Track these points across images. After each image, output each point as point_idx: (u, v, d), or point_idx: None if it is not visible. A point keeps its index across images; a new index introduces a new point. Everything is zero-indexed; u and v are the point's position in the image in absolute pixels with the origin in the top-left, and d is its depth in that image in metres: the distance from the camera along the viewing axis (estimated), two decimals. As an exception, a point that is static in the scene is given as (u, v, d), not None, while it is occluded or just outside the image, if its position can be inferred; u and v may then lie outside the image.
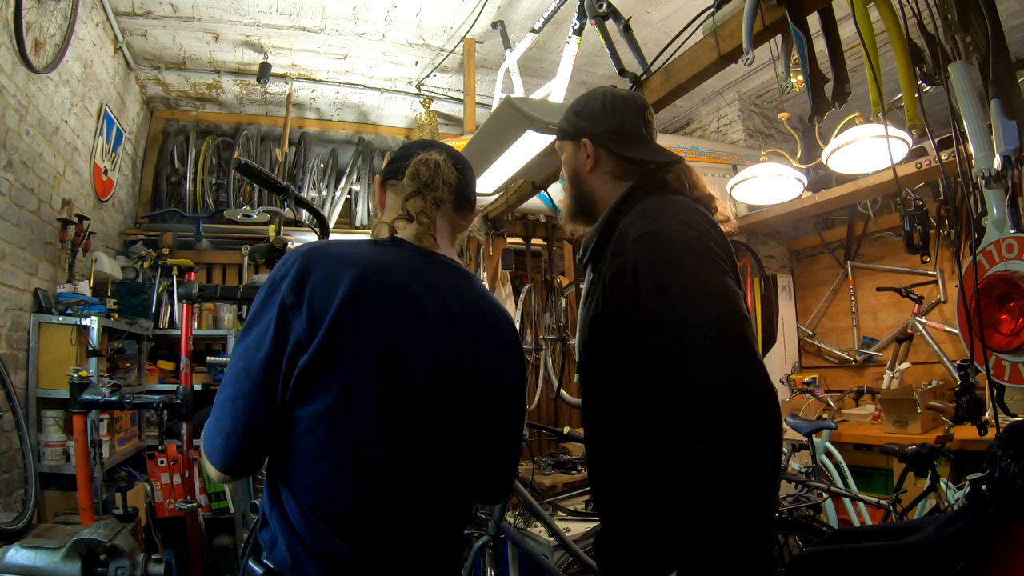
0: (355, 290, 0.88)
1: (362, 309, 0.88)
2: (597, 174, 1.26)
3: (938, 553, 1.09)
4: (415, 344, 0.93)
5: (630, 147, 1.24)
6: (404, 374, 0.91)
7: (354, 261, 0.91)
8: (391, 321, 0.91)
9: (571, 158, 1.30)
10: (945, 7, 1.46)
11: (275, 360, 0.86)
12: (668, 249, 1.03)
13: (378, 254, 0.97)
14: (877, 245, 4.23)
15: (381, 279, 0.92)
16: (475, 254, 3.61)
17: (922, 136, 2.56)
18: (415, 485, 0.92)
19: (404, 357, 0.91)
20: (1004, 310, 1.39)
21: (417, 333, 0.93)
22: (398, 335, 0.91)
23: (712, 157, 4.17)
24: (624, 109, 1.26)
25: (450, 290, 1.01)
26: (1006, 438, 1.11)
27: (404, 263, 0.98)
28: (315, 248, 0.92)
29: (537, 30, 3.29)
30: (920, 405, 3.08)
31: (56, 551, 1.64)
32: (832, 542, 1.41)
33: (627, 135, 1.24)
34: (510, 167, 2.57)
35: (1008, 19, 3.13)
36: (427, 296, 0.96)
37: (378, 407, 0.88)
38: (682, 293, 0.99)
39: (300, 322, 0.86)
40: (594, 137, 1.25)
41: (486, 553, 2.25)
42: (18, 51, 2.37)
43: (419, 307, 0.95)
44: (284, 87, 4.19)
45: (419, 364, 0.93)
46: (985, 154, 1.37)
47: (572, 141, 1.29)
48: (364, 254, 0.94)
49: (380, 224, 1.04)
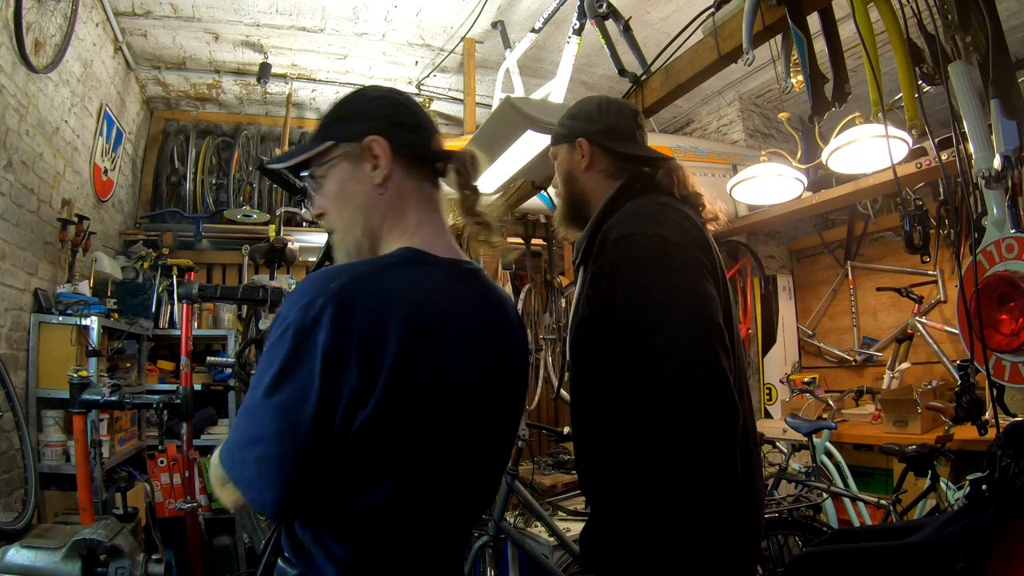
0: (411, 335, 0.77)
1: (423, 354, 0.78)
2: (592, 172, 1.29)
3: (938, 553, 1.09)
4: (471, 374, 0.85)
5: (624, 145, 1.27)
6: (469, 413, 0.84)
7: (398, 297, 0.78)
8: (457, 361, 0.82)
9: (566, 160, 1.33)
10: (945, 7, 1.46)
11: (328, 417, 0.74)
12: (646, 252, 1.06)
13: (420, 282, 0.82)
14: (877, 245, 4.23)
15: (433, 314, 0.81)
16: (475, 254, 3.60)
17: (922, 136, 2.56)
18: (461, 507, 0.90)
19: (467, 394, 0.84)
20: (1004, 310, 1.39)
21: (471, 363, 0.85)
22: (462, 375, 0.83)
23: (712, 157, 4.17)
24: (618, 112, 1.31)
25: (479, 303, 0.90)
26: (1006, 438, 1.11)
27: (445, 286, 0.86)
28: (349, 285, 0.77)
29: (537, 30, 3.29)
30: (920, 405, 3.08)
31: (56, 551, 1.64)
32: (832, 542, 1.42)
33: (621, 134, 1.28)
34: (510, 167, 2.57)
35: (1008, 19, 3.13)
36: (470, 319, 0.87)
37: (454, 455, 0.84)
38: (656, 296, 1.03)
39: (352, 376, 0.73)
40: (589, 136, 1.28)
41: (486, 553, 2.25)
42: (18, 51, 2.37)
43: (470, 335, 0.85)
44: (284, 87, 4.19)
45: (475, 395, 0.85)
46: (985, 154, 1.38)
47: (567, 143, 1.32)
48: (408, 286, 0.80)
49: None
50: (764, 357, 4.41)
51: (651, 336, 1.01)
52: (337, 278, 0.76)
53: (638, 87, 2.13)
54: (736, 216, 4.13)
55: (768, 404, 4.34)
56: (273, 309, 2.32)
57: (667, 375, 0.98)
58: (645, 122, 1.36)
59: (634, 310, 1.04)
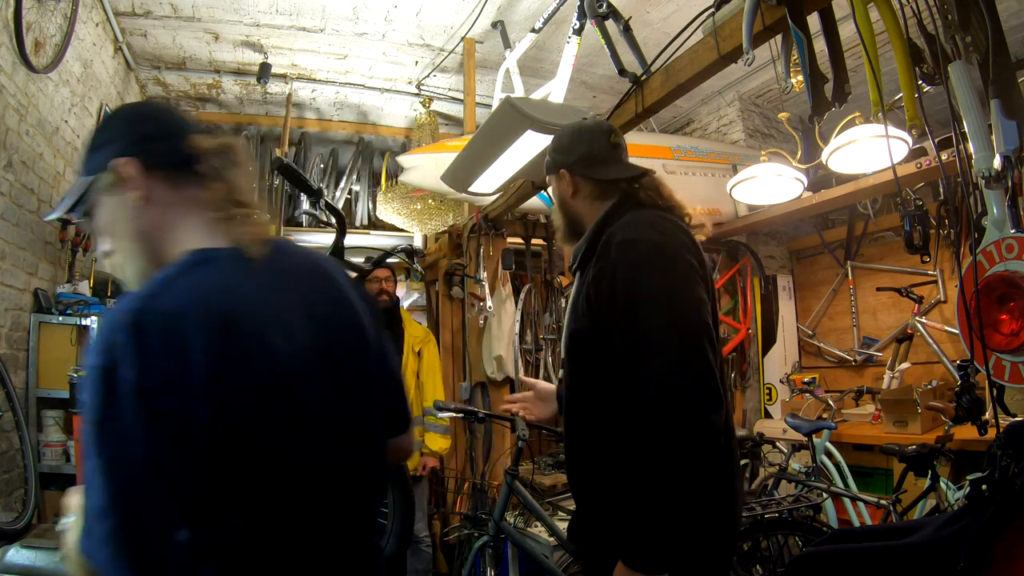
0: (214, 339, 0.71)
1: (235, 352, 0.73)
2: (579, 198, 1.39)
3: (938, 553, 1.09)
4: (298, 355, 0.79)
5: (601, 170, 1.37)
6: (307, 396, 0.80)
7: (191, 305, 0.73)
8: (275, 347, 0.76)
9: (556, 188, 1.44)
10: (945, 7, 1.47)
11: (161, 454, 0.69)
12: (645, 254, 1.15)
13: (210, 281, 0.77)
14: (877, 245, 4.23)
15: (233, 309, 0.75)
16: (475, 254, 3.61)
17: (922, 136, 2.56)
18: (333, 504, 0.83)
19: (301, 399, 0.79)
20: (1004, 310, 1.39)
21: (295, 343, 0.79)
22: (288, 359, 0.78)
23: (712, 157, 4.17)
24: (591, 137, 1.39)
25: (289, 279, 0.86)
26: (1006, 438, 1.11)
27: (239, 275, 0.80)
28: (138, 311, 0.70)
29: (537, 30, 3.29)
30: (920, 405, 3.08)
31: (56, 551, 1.64)
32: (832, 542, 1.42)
33: (597, 159, 1.37)
34: (510, 167, 2.57)
35: (1008, 19, 3.13)
36: (282, 300, 0.82)
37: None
38: (652, 296, 1.11)
39: (170, 402, 0.68)
40: (569, 167, 1.38)
41: (486, 553, 2.25)
42: (18, 51, 2.37)
43: (285, 316, 0.80)
44: (284, 87, 4.19)
45: (309, 375, 0.80)
46: (985, 154, 1.38)
47: (554, 174, 1.43)
48: (198, 291, 0.75)
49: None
50: (764, 357, 4.41)
51: (647, 333, 1.09)
52: (126, 309, 0.71)
53: (638, 87, 2.13)
54: (736, 216, 4.13)
55: (768, 404, 4.34)
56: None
57: (660, 372, 1.06)
58: (622, 138, 1.43)
59: (632, 308, 1.12)
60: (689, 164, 4.06)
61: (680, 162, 4.04)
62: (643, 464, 1.06)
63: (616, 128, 1.45)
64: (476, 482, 3.20)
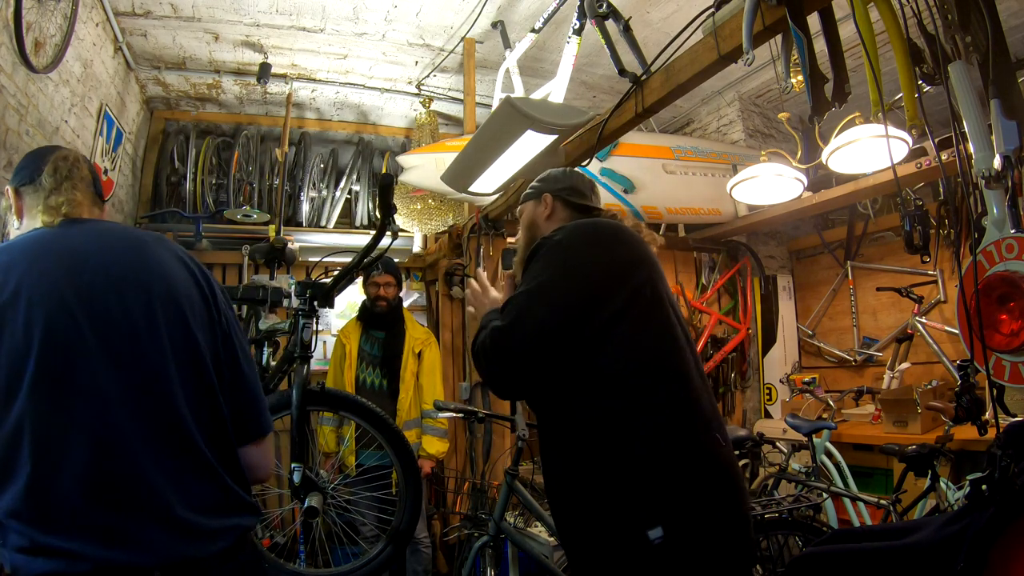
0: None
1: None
2: (551, 221, 1.52)
3: (937, 553, 1.09)
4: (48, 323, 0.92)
5: (579, 198, 1.54)
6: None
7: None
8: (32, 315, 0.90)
9: (531, 211, 1.58)
10: (945, 7, 1.46)
11: None
12: (550, 247, 1.29)
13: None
14: (877, 245, 4.23)
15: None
16: (475, 254, 3.61)
17: (922, 136, 2.56)
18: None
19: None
20: (1004, 310, 1.39)
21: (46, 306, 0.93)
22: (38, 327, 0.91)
23: (712, 157, 4.17)
24: (578, 177, 1.58)
25: (64, 249, 1.00)
26: (1006, 438, 1.11)
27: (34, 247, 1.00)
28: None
29: (537, 30, 3.29)
30: (920, 405, 3.08)
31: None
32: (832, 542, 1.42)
33: (578, 192, 1.55)
34: (510, 167, 2.57)
35: (1008, 19, 3.13)
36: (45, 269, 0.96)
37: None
38: (536, 277, 1.26)
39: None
40: (554, 192, 1.54)
41: (486, 553, 2.25)
42: (18, 51, 2.37)
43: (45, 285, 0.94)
44: (284, 87, 4.19)
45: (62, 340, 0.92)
46: (985, 154, 1.38)
47: (535, 199, 1.58)
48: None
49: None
50: (764, 357, 4.41)
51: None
52: None
53: (638, 87, 2.13)
54: (736, 216, 4.13)
55: (768, 404, 4.34)
56: (273, 309, 2.32)
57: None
58: (599, 193, 1.61)
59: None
60: (689, 164, 4.06)
61: (680, 162, 4.04)
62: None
63: (596, 185, 1.63)
64: (476, 482, 3.20)
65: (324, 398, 1.76)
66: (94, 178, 1.17)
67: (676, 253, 4.35)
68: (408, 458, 1.82)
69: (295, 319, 1.74)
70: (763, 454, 3.42)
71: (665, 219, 4.06)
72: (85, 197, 1.12)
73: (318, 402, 1.75)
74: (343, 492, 1.95)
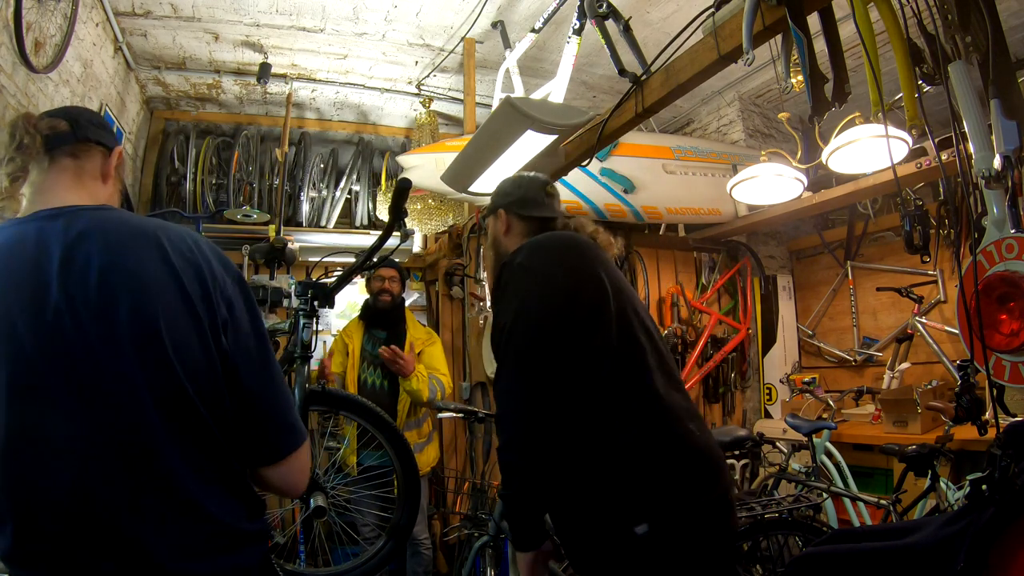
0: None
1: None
2: (510, 236, 1.55)
3: (937, 553, 1.09)
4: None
5: (531, 209, 1.55)
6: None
7: None
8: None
9: (492, 228, 1.61)
10: (945, 7, 1.46)
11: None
12: (516, 274, 1.34)
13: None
14: (877, 245, 4.23)
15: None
16: (475, 254, 3.61)
17: (922, 136, 2.56)
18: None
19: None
20: (1004, 310, 1.39)
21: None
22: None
23: (712, 157, 4.17)
24: (528, 184, 1.59)
25: (37, 250, 0.86)
26: (1006, 438, 1.11)
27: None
28: None
29: (537, 30, 3.29)
30: (920, 405, 3.08)
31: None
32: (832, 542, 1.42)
33: (529, 202, 1.55)
34: (510, 167, 2.57)
35: (1008, 19, 3.12)
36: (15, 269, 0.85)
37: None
38: (508, 312, 1.31)
39: None
40: (505, 206, 1.57)
41: (486, 553, 2.25)
42: (18, 51, 2.37)
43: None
44: (284, 87, 4.19)
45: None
46: (985, 154, 1.38)
47: (492, 215, 1.60)
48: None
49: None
50: (764, 357, 4.41)
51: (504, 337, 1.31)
52: None
53: (638, 87, 2.13)
54: (736, 216, 4.13)
55: (768, 404, 4.34)
56: (273, 309, 2.32)
57: (496, 390, 1.36)
58: (556, 190, 1.61)
59: (495, 324, 1.37)
60: (689, 164, 4.06)
61: (680, 162, 4.04)
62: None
63: (551, 181, 1.63)
64: (476, 482, 3.20)
65: (325, 398, 1.76)
66: (75, 139, 0.96)
67: (676, 253, 4.35)
68: (407, 457, 1.83)
69: (295, 319, 1.74)
70: (763, 454, 3.42)
71: (665, 219, 4.06)
72: (60, 175, 0.94)
73: (319, 402, 1.75)
74: (343, 491, 1.95)
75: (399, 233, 1.60)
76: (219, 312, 0.90)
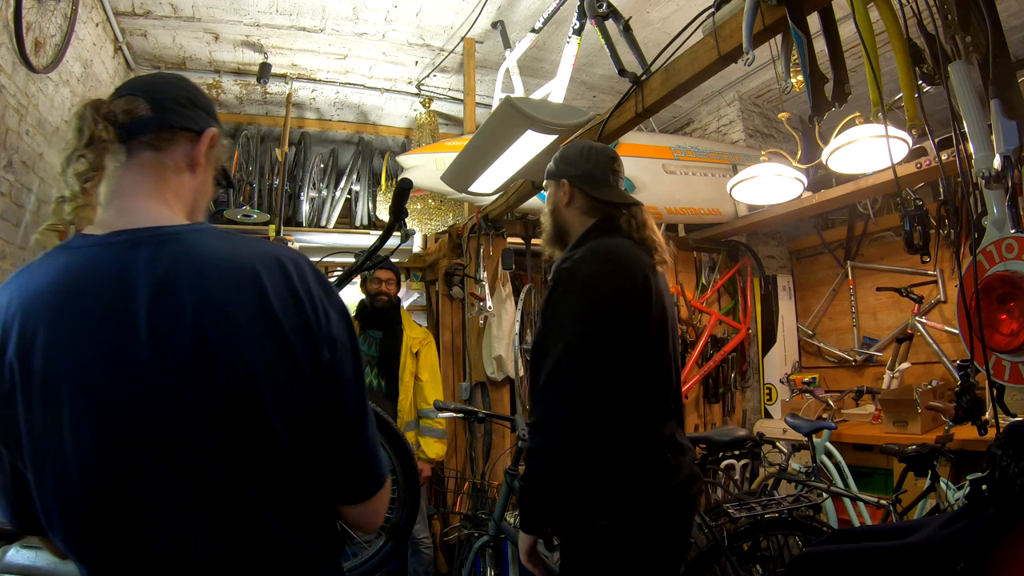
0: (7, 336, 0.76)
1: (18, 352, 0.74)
2: (571, 209, 1.54)
3: (938, 553, 1.09)
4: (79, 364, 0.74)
5: (598, 189, 1.52)
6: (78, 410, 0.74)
7: (15, 293, 0.80)
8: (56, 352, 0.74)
9: (553, 194, 1.58)
10: (945, 7, 1.46)
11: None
12: (574, 282, 1.37)
13: (39, 274, 0.80)
14: (877, 245, 4.23)
15: (27, 312, 0.77)
16: (475, 254, 3.61)
17: (922, 136, 2.56)
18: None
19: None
20: (1004, 310, 1.39)
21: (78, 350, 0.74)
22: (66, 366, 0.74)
23: (712, 157, 4.17)
24: (596, 158, 1.54)
25: (112, 284, 0.75)
26: (1006, 438, 1.11)
27: (61, 274, 0.78)
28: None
29: (537, 30, 3.29)
30: (920, 405, 3.08)
31: (56, 551, 1.64)
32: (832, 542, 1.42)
33: (597, 179, 1.52)
34: (510, 167, 2.57)
35: (1008, 19, 3.13)
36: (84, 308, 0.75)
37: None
38: (561, 319, 1.34)
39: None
40: (571, 179, 1.53)
41: (486, 553, 2.25)
42: (18, 51, 2.37)
43: (74, 325, 0.75)
44: (284, 87, 4.19)
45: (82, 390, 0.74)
46: (985, 154, 1.38)
47: (555, 181, 1.57)
48: (28, 280, 0.80)
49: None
50: (764, 357, 4.41)
51: (554, 345, 1.34)
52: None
53: (638, 87, 2.13)
54: (736, 216, 4.13)
55: (768, 404, 4.34)
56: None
57: (544, 402, 1.35)
58: (622, 167, 1.58)
59: (546, 334, 1.39)
60: (689, 164, 4.07)
61: (680, 162, 4.04)
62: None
63: (619, 157, 1.58)
64: (476, 482, 3.20)
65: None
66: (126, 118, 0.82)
67: (676, 253, 4.32)
68: (407, 456, 1.83)
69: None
70: (763, 454, 3.42)
71: (665, 219, 4.06)
72: (140, 174, 0.82)
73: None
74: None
75: (399, 233, 1.59)
76: (322, 356, 0.81)
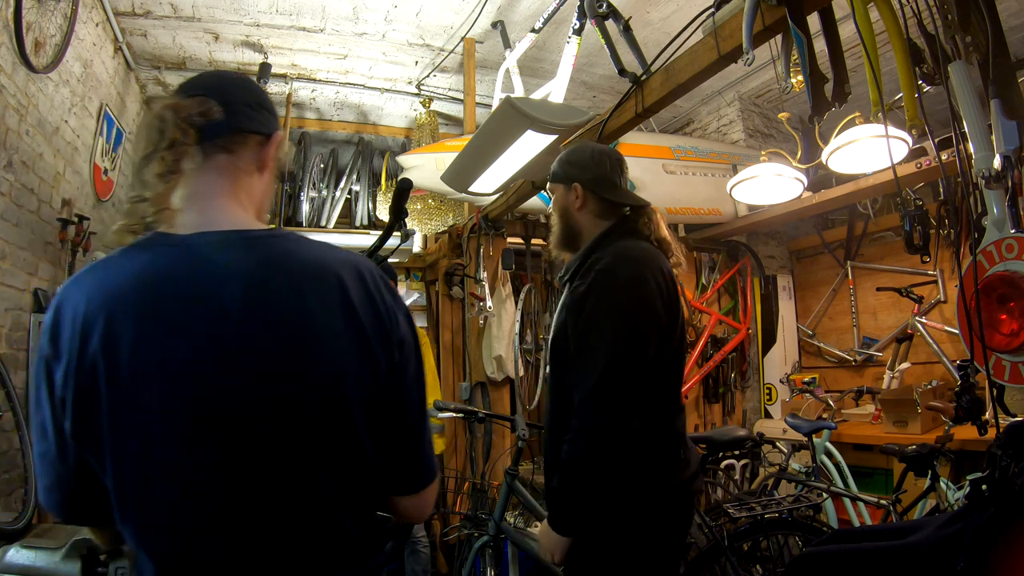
0: (96, 328, 0.74)
1: (112, 352, 0.73)
2: (584, 212, 1.55)
3: (938, 553, 1.09)
4: (168, 362, 0.75)
5: (610, 192, 1.54)
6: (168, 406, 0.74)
7: (95, 289, 0.77)
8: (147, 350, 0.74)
9: (562, 198, 1.58)
10: (945, 7, 1.46)
11: (57, 424, 0.76)
12: (615, 287, 1.37)
13: (122, 270, 0.79)
14: (877, 245, 4.23)
15: (129, 304, 0.75)
16: (475, 254, 3.61)
17: (922, 136, 2.56)
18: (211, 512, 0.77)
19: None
20: (1004, 310, 1.39)
21: (167, 350, 0.75)
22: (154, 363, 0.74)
23: (712, 157, 4.17)
24: (604, 161, 1.56)
25: (234, 278, 0.77)
26: (1006, 438, 1.11)
27: (156, 269, 0.78)
28: (67, 287, 0.79)
29: (537, 30, 3.29)
30: (920, 405, 3.08)
31: (56, 551, 1.64)
32: (832, 542, 1.42)
33: (608, 183, 1.54)
34: (510, 167, 2.57)
35: (1008, 19, 3.12)
36: (180, 303, 0.76)
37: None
38: (604, 324, 1.34)
39: (62, 379, 0.74)
40: (583, 182, 1.54)
41: (486, 553, 2.25)
42: (18, 51, 2.37)
43: (165, 321, 0.75)
44: (284, 87, 4.19)
45: (172, 386, 0.74)
46: (985, 154, 1.38)
47: (564, 184, 1.57)
48: (109, 275, 0.79)
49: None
50: (764, 357, 4.41)
51: (588, 353, 1.35)
52: (66, 282, 0.80)
53: (638, 87, 2.13)
54: (736, 216, 4.13)
55: (768, 404, 4.34)
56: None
57: (585, 389, 1.33)
58: (627, 168, 1.61)
59: (587, 328, 1.37)
60: (689, 164, 4.07)
61: (680, 162, 4.04)
62: (563, 453, 1.35)
63: (624, 158, 1.61)
64: (476, 482, 3.20)
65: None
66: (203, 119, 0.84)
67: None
68: None
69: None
70: (763, 454, 3.42)
71: (665, 219, 4.05)
72: (216, 176, 0.85)
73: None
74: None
75: (399, 233, 1.59)
76: (394, 358, 0.84)
